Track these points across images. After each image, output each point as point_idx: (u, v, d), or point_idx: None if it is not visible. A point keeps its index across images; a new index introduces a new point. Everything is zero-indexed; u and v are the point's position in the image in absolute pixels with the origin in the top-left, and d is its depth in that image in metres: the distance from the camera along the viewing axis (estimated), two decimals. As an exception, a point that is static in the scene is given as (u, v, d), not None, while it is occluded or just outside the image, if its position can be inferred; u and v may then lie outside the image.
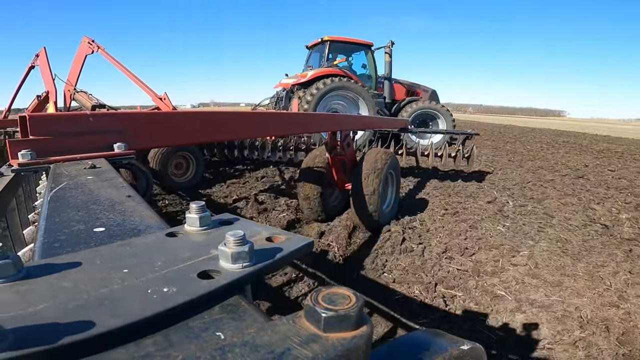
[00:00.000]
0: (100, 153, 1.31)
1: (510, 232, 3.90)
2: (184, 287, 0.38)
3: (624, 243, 3.67)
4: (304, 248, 0.51)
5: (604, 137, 18.28)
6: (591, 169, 7.94)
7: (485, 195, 5.43)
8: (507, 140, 14.38)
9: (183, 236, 0.53)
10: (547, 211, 4.66)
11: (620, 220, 4.41)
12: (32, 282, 0.38)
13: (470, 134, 6.96)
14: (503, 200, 5.18)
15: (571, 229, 4.03)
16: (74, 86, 6.70)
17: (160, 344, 0.31)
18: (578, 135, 19.20)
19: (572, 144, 13.95)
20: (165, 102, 6.56)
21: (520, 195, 5.42)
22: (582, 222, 4.27)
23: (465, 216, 4.41)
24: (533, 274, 2.94)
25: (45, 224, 0.63)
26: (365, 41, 10.51)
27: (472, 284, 2.83)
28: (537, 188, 5.94)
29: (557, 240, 3.66)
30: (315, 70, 9.30)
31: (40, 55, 6.86)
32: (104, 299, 0.35)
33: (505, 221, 4.25)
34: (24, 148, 1.16)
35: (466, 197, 5.31)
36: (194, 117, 1.98)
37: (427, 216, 4.45)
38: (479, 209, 4.72)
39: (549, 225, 4.14)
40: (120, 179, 0.96)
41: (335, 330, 0.30)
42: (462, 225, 4.07)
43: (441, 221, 4.27)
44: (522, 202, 5.10)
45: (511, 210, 4.68)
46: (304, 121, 3.04)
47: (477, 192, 5.59)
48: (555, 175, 6.97)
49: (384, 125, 5.31)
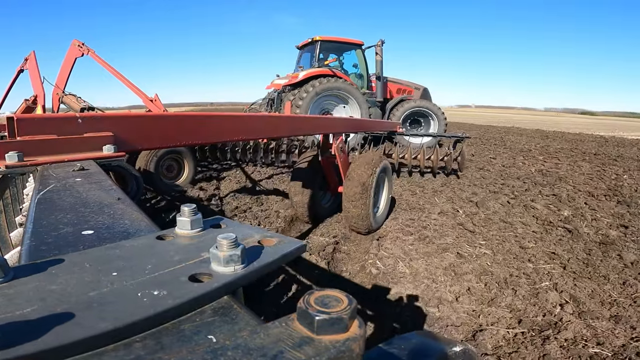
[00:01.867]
0: (89, 155, 1.30)
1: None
2: (174, 290, 0.38)
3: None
4: (297, 251, 0.50)
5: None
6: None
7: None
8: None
9: (174, 239, 0.52)
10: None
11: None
12: (19, 285, 0.37)
13: (461, 137, 7.02)
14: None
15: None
16: (62, 89, 6.62)
17: (151, 348, 0.30)
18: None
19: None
20: (156, 103, 6.52)
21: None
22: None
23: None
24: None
25: (32, 227, 0.62)
26: (356, 40, 10.56)
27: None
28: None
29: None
30: (306, 71, 9.31)
31: (29, 58, 6.77)
32: (93, 302, 0.35)
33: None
34: (11, 149, 1.14)
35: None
36: (184, 119, 1.97)
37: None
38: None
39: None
40: (109, 182, 0.95)
41: (328, 332, 0.30)
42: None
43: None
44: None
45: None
46: (296, 124, 3.04)
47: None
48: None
49: (377, 127, 5.33)
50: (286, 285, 2.94)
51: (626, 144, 14.20)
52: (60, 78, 6.65)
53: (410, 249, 3.49)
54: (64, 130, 1.33)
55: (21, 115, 1.28)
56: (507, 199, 5.28)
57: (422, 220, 4.27)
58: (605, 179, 6.99)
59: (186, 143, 2.02)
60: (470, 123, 27.52)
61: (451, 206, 4.85)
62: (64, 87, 6.66)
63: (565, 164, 8.57)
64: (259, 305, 2.63)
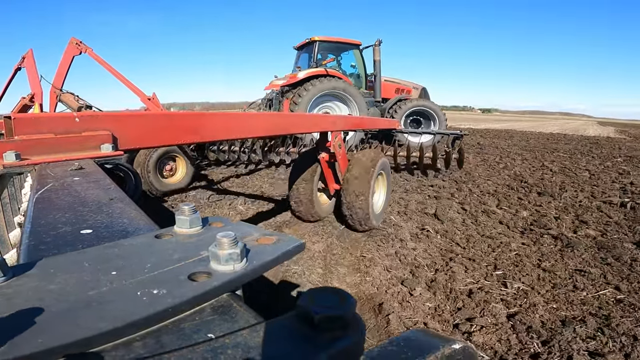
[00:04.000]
0: (87, 154, 1.29)
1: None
2: (174, 289, 0.38)
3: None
4: (296, 249, 0.50)
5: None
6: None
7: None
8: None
9: (173, 238, 0.52)
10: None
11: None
12: (18, 285, 0.37)
13: (459, 135, 7.04)
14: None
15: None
16: (60, 88, 6.60)
17: (151, 347, 0.30)
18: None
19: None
20: (154, 102, 6.51)
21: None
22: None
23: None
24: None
25: (30, 227, 0.61)
26: (354, 40, 10.63)
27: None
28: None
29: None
30: (305, 71, 9.34)
31: (27, 57, 6.75)
32: (92, 302, 0.35)
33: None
34: (8, 149, 1.13)
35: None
36: (182, 118, 1.96)
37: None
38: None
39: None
40: (107, 180, 0.95)
41: (328, 330, 0.30)
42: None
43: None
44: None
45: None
46: (294, 122, 3.03)
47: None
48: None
49: (376, 125, 5.33)
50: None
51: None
52: (58, 76, 6.63)
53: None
54: (61, 130, 1.33)
55: (19, 115, 1.27)
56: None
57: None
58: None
59: (184, 142, 2.02)
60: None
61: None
62: (61, 86, 6.64)
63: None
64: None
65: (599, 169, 8.56)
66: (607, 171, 8.27)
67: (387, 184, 4.39)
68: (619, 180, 7.16)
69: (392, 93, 11.20)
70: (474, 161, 9.00)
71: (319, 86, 8.95)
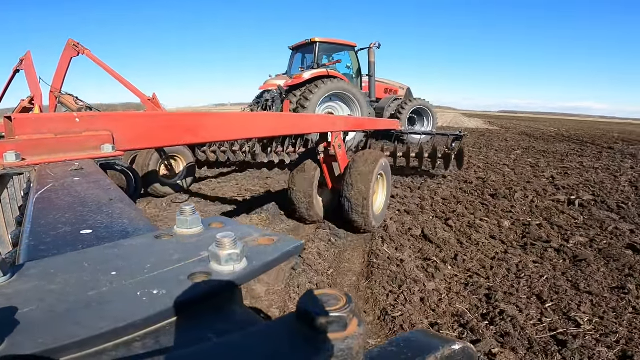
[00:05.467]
0: (87, 155, 1.30)
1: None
2: (174, 289, 0.38)
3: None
4: (295, 250, 0.50)
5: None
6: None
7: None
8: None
9: (173, 238, 0.52)
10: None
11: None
12: (18, 285, 0.37)
13: (459, 135, 7.05)
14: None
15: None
16: (59, 89, 6.61)
17: (151, 347, 0.30)
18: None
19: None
20: (154, 102, 6.51)
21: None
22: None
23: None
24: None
25: (30, 227, 0.61)
26: (350, 42, 10.88)
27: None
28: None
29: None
30: (310, 72, 9.41)
31: (25, 59, 6.75)
32: (92, 302, 0.35)
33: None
34: (9, 149, 1.14)
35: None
36: (182, 118, 1.96)
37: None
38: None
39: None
40: (107, 181, 0.95)
41: (328, 331, 0.30)
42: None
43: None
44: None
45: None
46: (294, 122, 3.04)
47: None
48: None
49: (377, 126, 5.33)
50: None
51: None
52: (57, 78, 6.63)
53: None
54: (61, 130, 1.33)
55: (19, 115, 1.28)
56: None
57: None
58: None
59: (184, 142, 2.02)
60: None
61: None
62: (60, 87, 6.65)
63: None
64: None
65: (513, 163, 8.95)
66: (521, 165, 8.70)
67: (387, 185, 4.39)
68: (539, 174, 7.46)
69: (382, 93, 11.56)
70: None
71: (326, 87, 9.07)
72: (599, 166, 8.90)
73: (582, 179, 7.13)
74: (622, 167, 8.78)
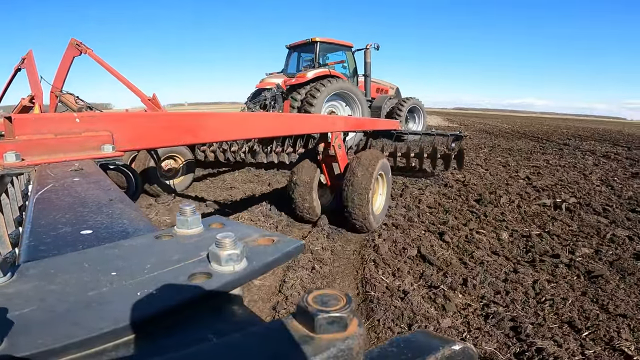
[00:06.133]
0: (87, 155, 1.30)
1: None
2: (174, 289, 0.38)
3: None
4: (295, 250, 0.50)
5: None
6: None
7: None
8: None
9: (173, 238, 0.52)
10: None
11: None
12: (18, 285, 0.37)
13: (459, 136, 7.05)
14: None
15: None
16: (60, 89, 6.60)
17: (150, 347, 0.30)
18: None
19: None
20: (155, 102, 6.51)
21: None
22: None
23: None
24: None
25: (31, 227, 0.61)
26: (347, 42, 11.12)
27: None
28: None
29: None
30: (314, 71, 9.49)
31: (27, 58, 6.75)
32: (92, 302, 0.35)
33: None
34: (9, 149, 1.14)
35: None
36: (182, 118, 1.96)
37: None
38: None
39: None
40: (107, 181, 0.95)
41: (328, 331, 0.30)
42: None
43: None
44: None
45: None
46: (294, 122, 3.04)
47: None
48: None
49: (377, 126, 5.32)
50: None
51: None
52: (58, 77, 6.63)
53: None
54: (62, 130, 1.33)
55: (19, 115, 1.28)
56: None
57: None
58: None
59: (184, 142, 2.02)
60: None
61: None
62: (61, 87, 6.65)
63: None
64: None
65: (484, 163, 8.79)
66: (493, 165, 8.57)
67: (387, 185, 4.39)
68: (514, 175, 7.39)
69: (374, 93, 11.80)
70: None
71: (332, 86, 9.23)
72: (565, 164, 9.03)
73: (556, 178, 7.13)
74: (587, 165, 8.93)
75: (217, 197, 5.61)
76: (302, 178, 4.13)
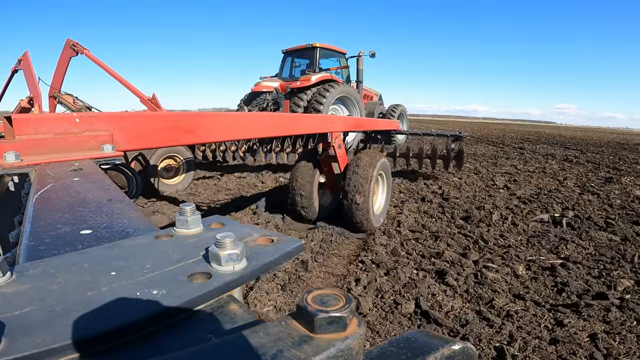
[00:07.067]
0: (87, 155, 1.29)
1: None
2: (173, 289, 0.38)
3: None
4: (295, 250, 0.50)
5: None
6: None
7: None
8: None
9: (173, 238, 0.52)
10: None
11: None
12: (18, 285, 0.37)
13: (460, 136, 7.08)
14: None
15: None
16: (58, 89, 6.60)
17: (150, 348, 0.30)
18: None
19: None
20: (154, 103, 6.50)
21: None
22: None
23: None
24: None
25: (30, 227, 0.61)
26: (341, 49, 11.54)
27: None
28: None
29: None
30: (316, 76, 9.66)
31: (23, 59, 6.73)
32: (92, 302, 0.35)
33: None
34: (9, 149, 1.14)
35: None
36: (182, 118, 1.96)
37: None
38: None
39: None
40: (107, 181, 0.95)
41: (327, 331, 0.30)
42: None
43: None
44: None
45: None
46: (294, 122, 3.04)
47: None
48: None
49: (377, 126, 5.33)
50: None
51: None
52: (56, 78, 6.62)
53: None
54: (61, 130, 1.33)
55: (19, 115, 1.27)
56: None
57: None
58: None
59: (184, 142, 2.02)
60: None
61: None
62: (59, 87, 6.64)
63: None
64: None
65: (455, 170, 7.83)
66: (464, 173, 8.12)
67: (387, 185, 4.39)
68: (491, 184, 6.96)
69: (363, 99, 12.21)
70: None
71: (337, 90, 9.41)
72: (533, 169, 9.03)
73: (534, 186, 6.84)
74: (555, 170, 9.02)
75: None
76: (302, 178, 4.13)
